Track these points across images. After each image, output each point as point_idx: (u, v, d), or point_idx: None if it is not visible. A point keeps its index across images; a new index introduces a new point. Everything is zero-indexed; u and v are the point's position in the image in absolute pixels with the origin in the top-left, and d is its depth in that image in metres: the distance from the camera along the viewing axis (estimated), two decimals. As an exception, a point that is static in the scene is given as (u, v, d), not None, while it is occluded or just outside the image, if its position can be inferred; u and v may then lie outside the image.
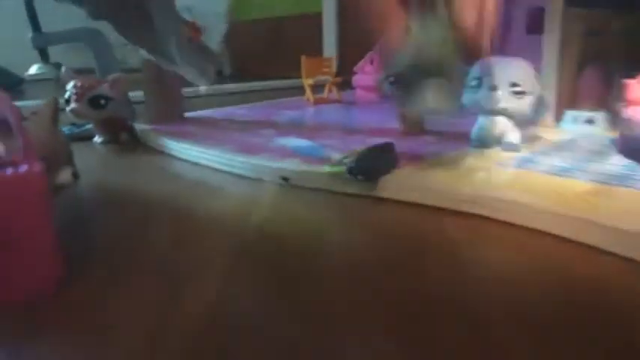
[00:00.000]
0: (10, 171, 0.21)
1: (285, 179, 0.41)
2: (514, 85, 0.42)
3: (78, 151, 0.46)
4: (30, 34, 1.47)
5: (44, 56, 1.63)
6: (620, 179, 0.35)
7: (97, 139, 0.64)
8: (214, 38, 0.64)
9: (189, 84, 0.67)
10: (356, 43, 1.31)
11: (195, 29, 0.61)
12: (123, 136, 0.65)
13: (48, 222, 0.23)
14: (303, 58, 0.83)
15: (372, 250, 0.29)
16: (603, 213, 0.29)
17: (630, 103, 0.40)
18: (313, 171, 0.40)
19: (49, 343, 0.20)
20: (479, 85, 0.44)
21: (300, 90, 0.91)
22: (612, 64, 0.57)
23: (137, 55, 0.66)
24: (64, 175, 0.39)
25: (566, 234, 0.29)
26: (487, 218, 0.33)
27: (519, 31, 0.76)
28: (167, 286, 0.24)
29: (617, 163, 0.39)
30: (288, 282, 0.25)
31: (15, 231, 0.22)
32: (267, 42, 1.73)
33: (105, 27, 0.69)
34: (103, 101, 0.60)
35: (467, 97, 0.45)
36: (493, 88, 0.42)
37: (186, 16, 0.60)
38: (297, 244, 0.30)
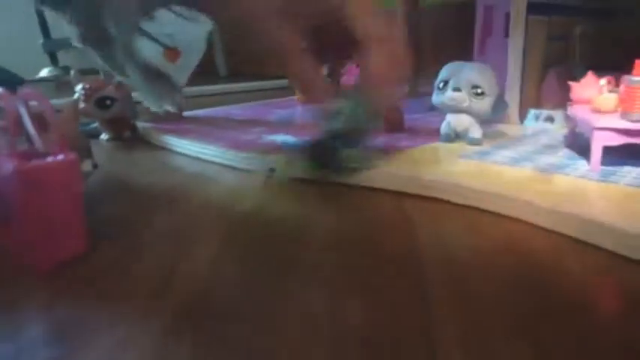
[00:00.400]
0: (50, 159, 0.26)
1: (272, 170, 0.46)
2: (475, 87, 0.48)
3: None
4: (41, 40, 1.68)
5: (54, 60, 1.78)
6: (560, 168, 0.41)
7: (104, 136, 0.69)
8: (190, 63, 0.70)
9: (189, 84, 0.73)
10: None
11: (174, 54, 0.67)
12: (126, 134, 0.70)
13: (80, 202, 0.29)
14: (294, 61, 0.89)
15: (337, 225, 0.35)
16: (539, 195, 0.35)
17: (573, 102, 0.45)
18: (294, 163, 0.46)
19: (71, 307, 0.25)
20: (445, 87, 0.49)
21: (291, 89, 0.96)
22: (573, 66, 0.62)
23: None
24: (86, 166, 0.45)
25: (510, 214, 0.35)
26: (446, 201, 0.38)
27: (499, 35, 0.82)
28: (169, 256, 0.30)
29: (562, 155, 0.45)
30: (266, 246, 0.31)
31: (53, 209, 0.27)
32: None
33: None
34: (108, 102, 0.65)
35: (435, 98, 0.51)
36: (456, 89, 0.48)
37: (168, 43, 0.66)
38: (274, 221, 0.36)
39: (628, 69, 0.38)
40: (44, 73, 1.74)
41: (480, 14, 0.78)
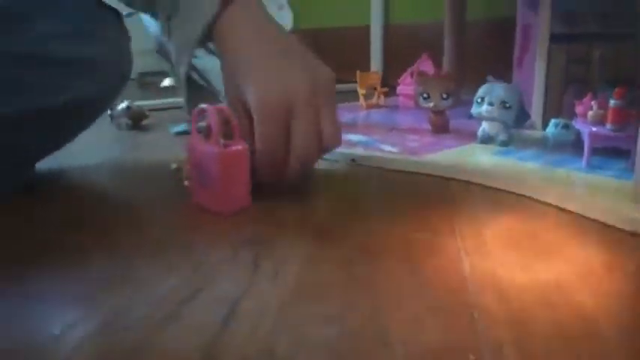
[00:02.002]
0: (234, 147, 0.45)
1: (353, 160, 0.64)
2: (503, 102, 0.64)
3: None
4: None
5: None
6: (561, 163, 0.57)
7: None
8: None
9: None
10: (398, 55, 1.53)
11: None
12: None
13: (248, 174, 0.48)
14: (358, 73, 1.07)
15: (377, 196, 0.52)
16: (536, 184, 0.51)
17: (578, 116, 0.61)
18: (369, 155, 0.64)
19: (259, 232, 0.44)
20: (482, 102, 0.66)
21: (352, 94, 1.14)
22: (592, 85, 0.77)
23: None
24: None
25: (525, 193, 0.52)
26: (472, 182, 0.55)
27: (534, 51, 0.96)
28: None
29: (568, 153, 0.61)
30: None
31: (235, 178, 0.46)
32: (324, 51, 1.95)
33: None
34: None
35: (474, 109, 0.67)
36: (490, 104, 0.65)
37: None
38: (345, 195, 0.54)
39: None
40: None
41: (519, 32, 0.92)
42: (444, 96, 0.74)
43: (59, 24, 0.50)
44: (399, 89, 1.13)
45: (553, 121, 0.76)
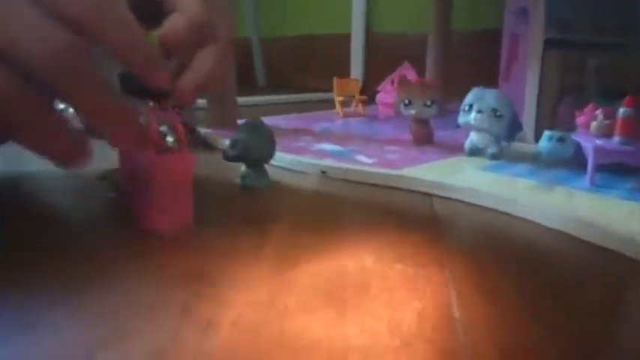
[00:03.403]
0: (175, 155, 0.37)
1: (324, 172, 0.56)
2: (494, 110, 0.57)
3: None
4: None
5: None
6: (560, 180, 0.50)
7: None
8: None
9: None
10: (379, 64, 1.47)
11: None
12: (187, 137, 0.81)
13: (190, 187, 0.39)
14: (335, 80, 0.99)
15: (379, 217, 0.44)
16: (533, 204, 0.44)
17: (578, 127, 0.54)
18: (342, 167, 0.56)
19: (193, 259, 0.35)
20: (470, 109, 0.59)
21: (328, 103, 1.06)
22: (588, 95, 0.71)
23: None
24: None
25: (503, 209, 0.44)
26: (459, 200, 0.48)
27: (523, 61, 0.91)
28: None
29: (563, 169, 0.54)
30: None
31: (174, 190, 0.38)
32: (298, 57, 1.89)
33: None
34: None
35: (461, 118, 0.60)
36: (479, 112, 0.57)
37: None
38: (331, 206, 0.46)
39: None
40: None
41: (506, 41, 0.87)
42: (428, 103, 0.67)
43: None
44: (379, 97, 1.06)
45: (547, 133, 0.69)
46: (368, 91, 1.13)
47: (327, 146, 0.67)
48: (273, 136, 0.51)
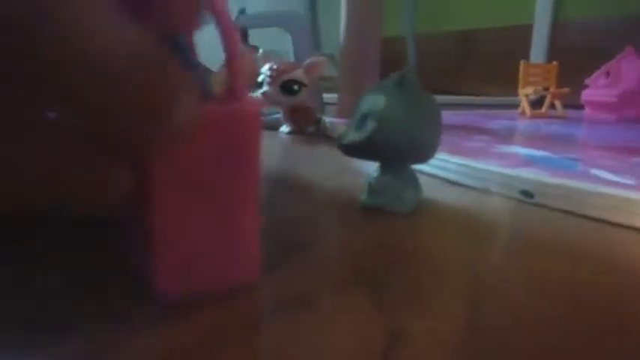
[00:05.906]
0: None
1: (527, 193, 0.29)
2: None
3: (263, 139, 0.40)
4: (234, 14, 1.37)
5: (244, 38, 1.58)
6: None
7: (284, 128, 0.59)
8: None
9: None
10: (572, 54, 1.13)
11: None
12: (310, 128, 0.59)
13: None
14: (522, 64, 0.70)
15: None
16: None
17: None
18: (570, 188, 0.28)
19: None
20: None
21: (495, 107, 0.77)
22: None
23: (332, 41, 0.61)
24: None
25: None
26: None
27: None
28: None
29: None
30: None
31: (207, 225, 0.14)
32: (456, 56, 1.63)
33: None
34: (296, 87, 0.55)
35: None
36: None
37: None
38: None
39: None
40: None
41: None
42: None
43: None
44: (585, 95, 0.74)
45: None
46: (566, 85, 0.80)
47: (521, 150, 0.40)
48: (439, 112, 0.26)
